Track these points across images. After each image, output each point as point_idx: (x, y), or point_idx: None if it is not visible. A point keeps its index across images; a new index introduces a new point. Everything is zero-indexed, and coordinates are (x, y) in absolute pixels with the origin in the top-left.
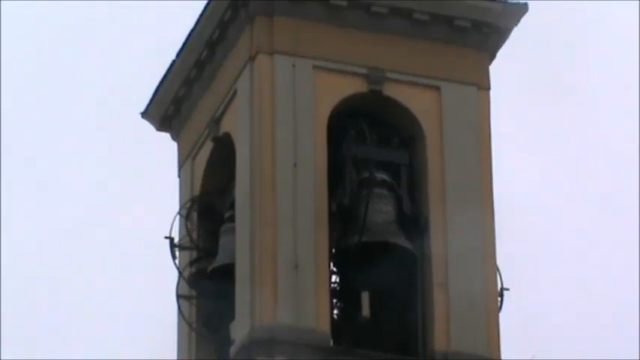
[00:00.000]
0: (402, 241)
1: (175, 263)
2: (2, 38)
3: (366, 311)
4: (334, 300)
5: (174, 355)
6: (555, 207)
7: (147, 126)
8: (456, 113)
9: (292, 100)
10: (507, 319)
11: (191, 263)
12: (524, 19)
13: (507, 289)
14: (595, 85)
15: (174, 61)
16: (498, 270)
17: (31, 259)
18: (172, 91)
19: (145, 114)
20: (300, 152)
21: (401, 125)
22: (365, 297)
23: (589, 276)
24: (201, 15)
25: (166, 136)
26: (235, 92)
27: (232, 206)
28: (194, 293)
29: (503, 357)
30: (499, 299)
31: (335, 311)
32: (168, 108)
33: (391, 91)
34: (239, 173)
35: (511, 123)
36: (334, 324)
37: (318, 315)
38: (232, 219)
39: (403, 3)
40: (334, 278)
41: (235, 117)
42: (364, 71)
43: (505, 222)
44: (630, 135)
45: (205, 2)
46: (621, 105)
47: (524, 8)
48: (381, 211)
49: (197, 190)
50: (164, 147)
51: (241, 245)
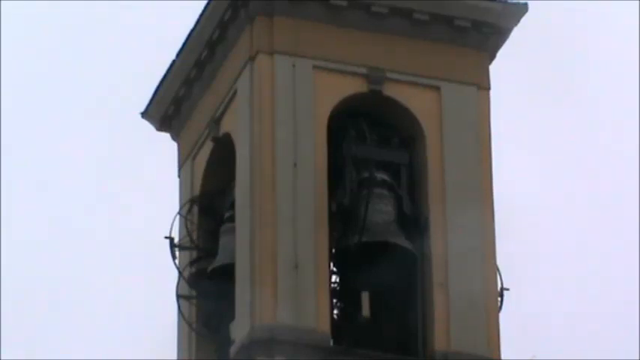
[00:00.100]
0: (402, 241)
1: (175, 263)
2: (2, 38)
3: (366, 311)
4: (334, 300)
5: (174, 355)
6: (555, 207)
7: (147, 126)
8: (456, 113)
9: (292, 100)
10: (507, 319)
11: (191, 263)
12: (524, 19)
13: (507, 289)
14: (595, 85)
15: (174, 61)
16: (498, 270)
17: (31, 259)
18: (172, 91)
19: (145, 114)
20: (300, 152)
21: (401, 125)
22: (365, 297)
23: (589, 276)
24: (201, 15)
25: (166, 136)
26: (235, 92)
27: (232, 206)
28: (194, 293)
29: (503, 357)
30: (499, 299)
31: (335, 311)
32: (168, 108)
33: (391, 91)
34: (239, 173)
35: (511, 123)
36: (334, 324)
37: (318, 315)
38: (232, 219)
39: (403, 3)
40: (334, 278)
41: (235, 117)
42: (364, 71)
43: (505, 222)
44: (630, 135)
45: (205, 2)
46: (621, 105)
47: (524, 8)
48: (381, 211)
49: (197, 190)
50: (164, 147)
51: (241, 245)
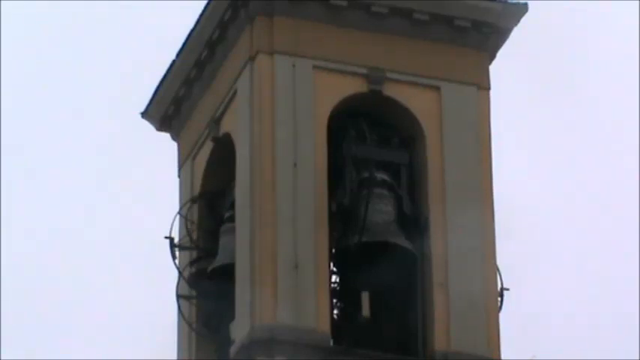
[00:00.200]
0: (402, 241)
1: (175, 263)
2: (2, 38)
3: (366, 311)
4: (334, 300)
5: (174, 355)
6: (555, 207)
7: (147, 126)
8: (456, 113)
9: (292, 100)
10: (507, 319)
11: (191, 263)
12: (524, 19)
13: (507, 289)
14: (595, 85)
15: (174, 61)
16: (498, 270)
17: (31, 259)
18: (172, 91)
19: (145, 114)
20: (300, 152)
21: (401, 125)
22: (365, 297)
23: (589, 276)
24: (201, 15)
25: (166, 136)
26: (235, 92)
27: (232, 206)
28: (194, 293)
29: (503, 357)
30: (499, 299)
31: (335, 311)
32: (168, 108)
33: (391, 91)
34: (239, 173)
35: (511, 123)
36: (334, 324)
37: (318, 315)
38: (232, 219)
39: (403, 3)
40: (334, 278)
41: (235, 117)
42: (364, 71)
43: (505, 222)
44: (630, 135)
45: (205, 2)
46: (621, 105)
47: (524, 8)
48: (381, 211)
49: (197, 190)
50: (164, 147)
51: (241, 245)
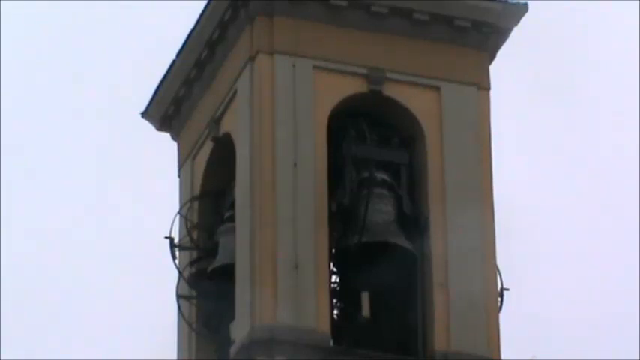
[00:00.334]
0: (402, 241)
1: (175, 263)
2: (2, 38)
3: (366, 311)
4: (334, 300)
5: (174, 355)
6: (555, 207)
7: (147, 126)
8: (456, 113)
9: (292, 100)
10: (507, 319)
11: (191, 263)
12: (524, 19)
13: (507, 289)
14: (595, 85)
15: (174, 61)
16: (498, 270)
17: (31, 259)
18: (172, 91)
19: (145, 114)
20: (300, 152)
21: (401, 125)
22: (365, 297)
23: (589, 276)
24: (201, 15)
25: (166, 136)
26: (235, 92)
27: (232, 206)
28: (194, 293)
29: (503, 357)
30: (499, 299)
31: (335, 311)
32: (168, 108)
33: (391, 91)
34: (239, 173)
35: (511, 123)
36: (334, 324)
37: (318, 315)
38: (232, 219)
39: (403, 3)
40: (334, 278)
41: (235, 117)
42: (364, 71)
43: (505, 222)
44: (630, 135)
45: (205, 2)
46: (621, 105)
47: (524, 8)
48: (381, 211)
49: (197, 190)
50: (164, 147)
51: (241, 245)
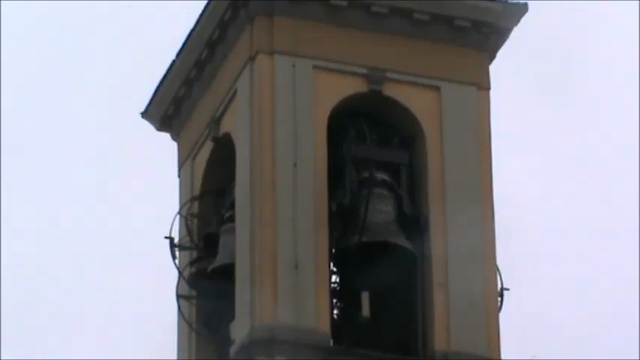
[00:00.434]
0: (402, 241)
1: (175, 263)
2: (2, 38)
3: (366, 311)
4: (334, 300)
5: (174, 355)
6: (555, 207)
7: (147, 126)
8: (456, 113)
9: (292, 100)
10: (507, 319)
11: (191, 263)
12: (524, 19)
13: (507, 289)
14: (595, 85)
15: (174, 61)
16: (498, 270)
17: (31, 259)
18: (172, 91)
19: (145, 114)
20: (300, 152)
21: (401, 125)
22: (365, 297)
23: (589, 276)
24: (201, 15)
25: (166, 136)
26: (235, 92)
27: (232, 206)
28: (194, 293)
29: (503, 357)
30: (499, 299)
31: (335, 311)
32: (168, 108)
33: (391, 91)
34: (239, 173)
35: (511, 123)
36: (334, 324)
37: (318, 315)
38: (232, 219)
39: (403, 3)
40: (334, 278)
41: (235, 117)
42: (364, 71)
43: (505, 222)
44: (630, 135)
45: (205, 2)
46: (621, 105)
47: (524, 8)
48: (381, 211)
49: (197, 190)
50: (164, 147)
51: (241, 245)
